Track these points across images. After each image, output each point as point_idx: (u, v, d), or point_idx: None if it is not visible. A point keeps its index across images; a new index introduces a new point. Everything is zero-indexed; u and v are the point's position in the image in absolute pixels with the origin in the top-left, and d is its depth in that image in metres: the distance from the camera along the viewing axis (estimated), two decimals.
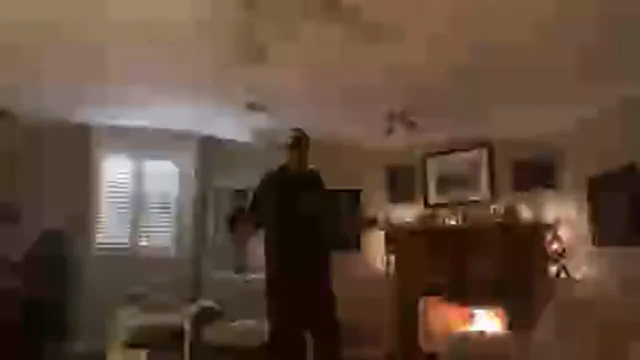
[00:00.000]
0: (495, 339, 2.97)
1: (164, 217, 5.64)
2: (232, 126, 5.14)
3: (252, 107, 4.17)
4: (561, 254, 3.71)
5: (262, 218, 2.52)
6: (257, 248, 4.95)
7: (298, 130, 2.63)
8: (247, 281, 4.68)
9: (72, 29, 2.68)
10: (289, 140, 2.57)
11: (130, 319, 3.87)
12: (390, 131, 3.97)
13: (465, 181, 4.52)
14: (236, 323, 4.11)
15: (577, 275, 3.63)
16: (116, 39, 2.82)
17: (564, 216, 3.82)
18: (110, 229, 5.28)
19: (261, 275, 4.52)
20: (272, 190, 2.58)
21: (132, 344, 3.97)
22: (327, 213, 2.70)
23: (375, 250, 4.97)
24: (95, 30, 2.69)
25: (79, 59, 3.16)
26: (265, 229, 2.49)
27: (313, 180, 2.73)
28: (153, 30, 2.67)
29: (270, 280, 2.57)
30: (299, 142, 2.57)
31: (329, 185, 2.87)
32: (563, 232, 3.79)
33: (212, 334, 3.88)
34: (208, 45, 2.80)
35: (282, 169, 2.64)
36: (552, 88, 3.20)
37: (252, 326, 3.99)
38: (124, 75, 3.55)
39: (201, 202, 6.09)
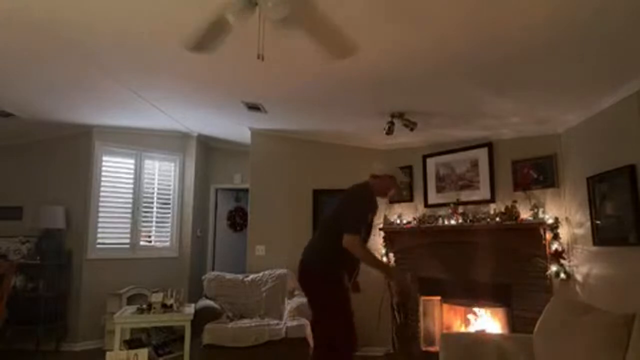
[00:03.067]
0: (494, 339, 2.96)
1: (164, 217, 5.64)
2: (232, 126, 5.15)
3: (251, 107, 4.18)
4: (561, 254, 3.71)
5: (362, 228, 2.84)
6: (255, 250, 5.02)
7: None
8: (247, 281, 4.70)
9: (71, 29, 2.69)
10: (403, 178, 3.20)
11: (129, 318, 3.88)
12: (390, 131, 3.97)
13: (465, 181, 4.52)
14: (236, 323, 4.11)
15: (577, 275, 3.63)
16: (116, 39, 2.82)
17: (564, 216, 3.82)
18: (110, 228, 5.28)
19: (259, 275, 4.59)
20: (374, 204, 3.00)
21: (132, 344, 3.98)
22: None
23: (375, 250, 4.96)
24: (95, 30, 2.70)
25: (80, 59, 3.17)
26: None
27: None
28: (153, 30, 2.68)
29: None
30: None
31: (329, 185, 3.04)
32: (563, 232, 3.78)
33: (211, 333, 3.88)
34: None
35: (369, 188, 2.99)
36: (552, 87, 3.19)
37: (251, 326, 3.99)
38: (124, 75, 3.56)
39: (201, 202, 6.10)
